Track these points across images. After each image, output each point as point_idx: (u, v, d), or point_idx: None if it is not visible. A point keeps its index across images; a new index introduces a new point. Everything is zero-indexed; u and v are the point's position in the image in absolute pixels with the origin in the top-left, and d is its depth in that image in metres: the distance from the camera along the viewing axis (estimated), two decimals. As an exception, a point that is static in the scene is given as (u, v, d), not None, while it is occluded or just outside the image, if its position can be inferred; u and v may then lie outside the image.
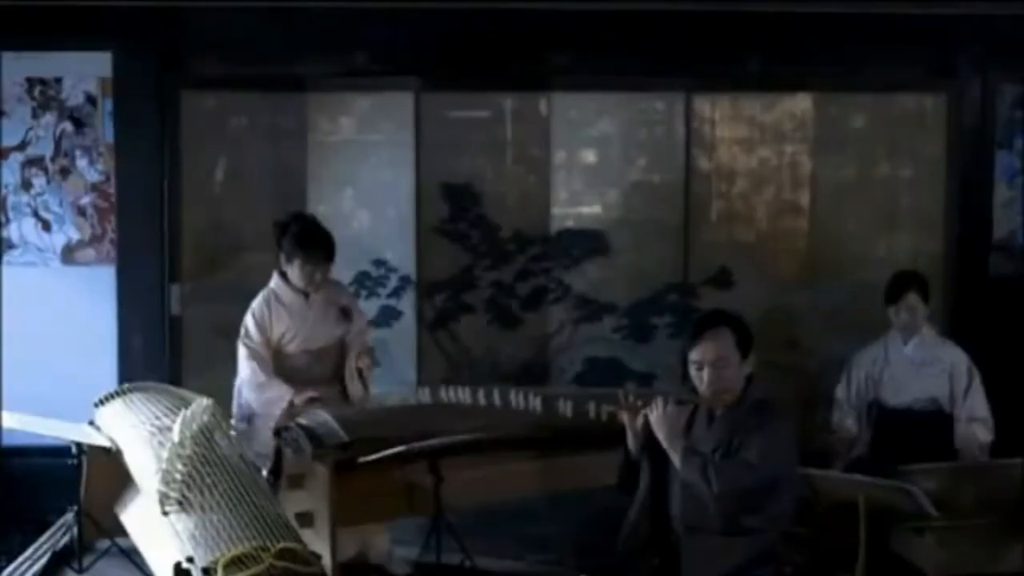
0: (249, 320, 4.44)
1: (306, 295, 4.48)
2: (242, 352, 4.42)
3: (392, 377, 5.45)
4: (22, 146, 5.52)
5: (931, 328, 4.86)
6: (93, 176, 5.54)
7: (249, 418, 4.40)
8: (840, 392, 4.88)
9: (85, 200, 5.56)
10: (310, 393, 4.31)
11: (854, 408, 4.84)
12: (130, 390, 4.29)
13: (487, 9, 5.47)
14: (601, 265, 5.70)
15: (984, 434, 4.68)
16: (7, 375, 4.98)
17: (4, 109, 5.51)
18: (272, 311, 4.44)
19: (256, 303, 4.47)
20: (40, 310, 5.41)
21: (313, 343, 4.49)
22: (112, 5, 5.40)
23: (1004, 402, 4.81)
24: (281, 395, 4.31)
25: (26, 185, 5.53)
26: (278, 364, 4.44)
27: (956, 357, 4.76)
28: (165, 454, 3.49)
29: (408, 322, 5.66)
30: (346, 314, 4.54)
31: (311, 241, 4.42)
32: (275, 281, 4.49)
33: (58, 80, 5.50)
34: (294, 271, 4.44)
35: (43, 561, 4.30)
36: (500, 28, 5.48)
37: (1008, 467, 4.29)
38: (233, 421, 4.32)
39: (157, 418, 3.91)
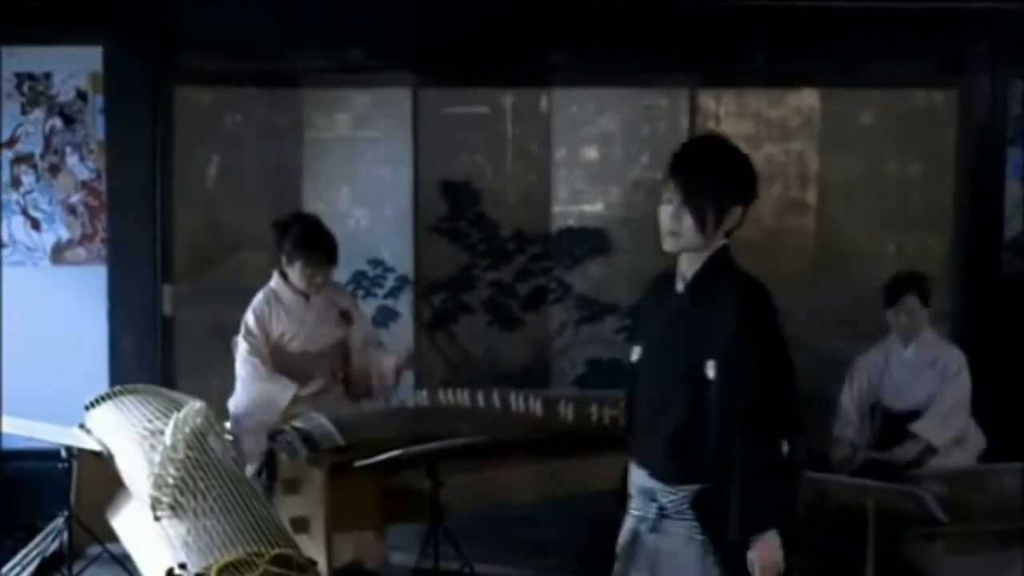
0: (250, 317, 4.40)
1: (306, 296, 4.42)
2: (243, 348, 4.36)
3: (389, 379, 5.40)
4: (11, 143, 5.46)
5: (932, 330, 4.78)
6: (84, 174, 5.48)
7: (241, 420, 4.33)
8: (843, 397, 4.82)
9: (75, 198, 5.50)
10: (315, 387, 4.30)
11: (857, 413, 4.78)
12: (121, 392, 4.24)
13: (486, 3, 5.42)
14: (603, 264, 5.67)
15: (936, 435, 4.55)
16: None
17: (-7, 105, 5.47)
18: (272, 310, 4.41)
19: (257, 301, 4.44)
20: (29, 311, 5.33)
21: (312, 345, 4.45)
22: (104, -1, 5.37)
23: (1013, 402, 4.77)
24: (285, 387, 4.26)
25: (15, 183, 5.47)
26: (277, 364, 4.39)
27: (950, 358, 4.67)
28: (157, 458, 3.45)
29: (406, 323, 5.62)
30: (346, 317, 4.51)
31: (313, 244, 4.38)
32: (275, 281, 4.46)
33: (48, 75, 5.44)
34: (295, 273, 4.39)
35: (32, 567, 4.34)
36: (499, 22, 5.43)
37: (1018, 471, 4.24)
38: (227, 424, 4.26)
39: (149, 421, 3.87)
